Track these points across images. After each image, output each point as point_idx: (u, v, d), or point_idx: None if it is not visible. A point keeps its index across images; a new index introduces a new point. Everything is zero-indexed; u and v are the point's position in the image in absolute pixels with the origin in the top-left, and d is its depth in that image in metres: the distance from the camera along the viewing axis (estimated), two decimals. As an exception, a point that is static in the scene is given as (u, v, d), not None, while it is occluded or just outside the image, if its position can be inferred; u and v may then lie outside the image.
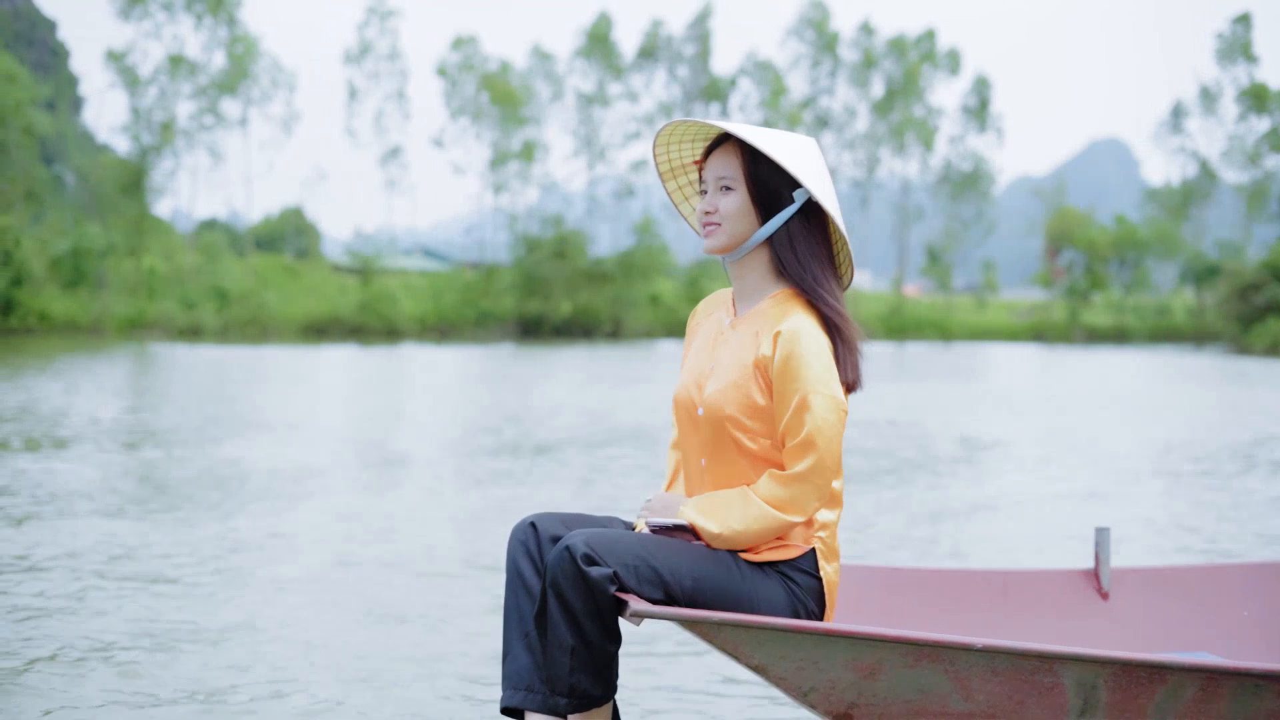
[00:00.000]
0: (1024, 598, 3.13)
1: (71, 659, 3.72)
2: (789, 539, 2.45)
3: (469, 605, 4.58)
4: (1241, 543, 6.22)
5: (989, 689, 2.36)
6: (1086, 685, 2.37)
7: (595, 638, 2.29)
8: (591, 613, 2.27)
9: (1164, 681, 2.39)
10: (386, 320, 45.65)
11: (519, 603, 2.40)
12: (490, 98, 54.70)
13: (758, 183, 2.52)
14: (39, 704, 3.30)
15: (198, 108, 49.28)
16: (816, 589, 2.44)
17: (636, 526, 2.53)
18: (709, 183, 2.58)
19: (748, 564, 2.43)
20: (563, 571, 2.26)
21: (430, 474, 8.46)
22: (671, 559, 2.34)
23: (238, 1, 48.90)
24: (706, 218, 2.57)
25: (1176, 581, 3.23)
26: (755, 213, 2.54)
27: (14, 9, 54.25)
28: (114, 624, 4.14)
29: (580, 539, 2.27)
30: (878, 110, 61.25)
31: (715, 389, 2.49)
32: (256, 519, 6.35)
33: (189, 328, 40.88)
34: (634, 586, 2.28)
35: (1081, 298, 57.66)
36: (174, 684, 3.51)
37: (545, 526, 2.44)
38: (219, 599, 4.56)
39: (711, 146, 2.60)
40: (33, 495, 6.91)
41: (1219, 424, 13.39)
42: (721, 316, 2.63)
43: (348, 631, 4.17)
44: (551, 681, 2.31)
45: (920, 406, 15.33)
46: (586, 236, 52.26)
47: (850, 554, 5.62)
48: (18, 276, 37.67)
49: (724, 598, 2.36)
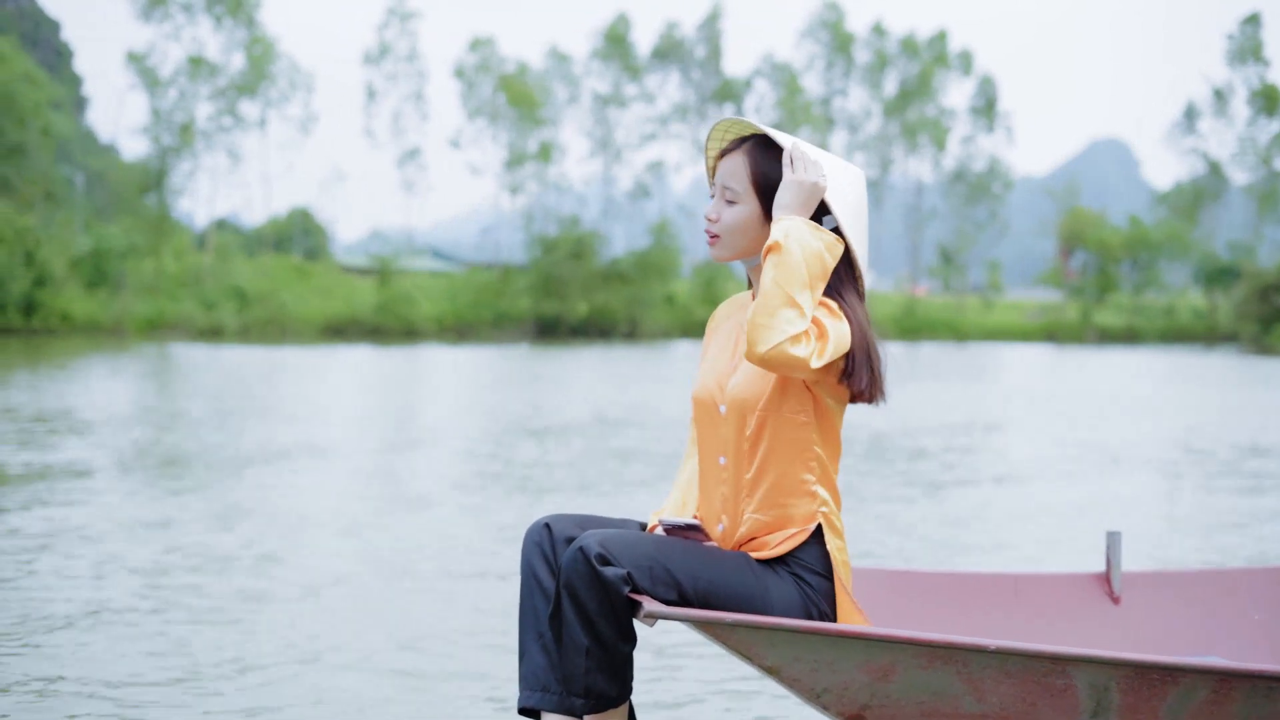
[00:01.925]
0: (1035, 601, 3.14)
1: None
2: (796, 523, 2.44)
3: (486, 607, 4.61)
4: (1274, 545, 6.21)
5: (1001, 691, 2.37)
6: (1099, 687, 2.38)
7: (610, 638, 2.30)
8: (606, 613, 2.28)
9: (1176, 684, 2.40)
10: (404, 321, 45.85)
11: (534, 603, 2.41)
12: (507, 99, 54.85)
13: (768, 197, 2.50)
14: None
15: (216, 109, 49.55)
16: (829, 591, 2.45)
17: (651, 527, 2.55)
18: (716, 188, 2.56)
19: (761, 565, 2.44)
20: (576, 572, 2.27)
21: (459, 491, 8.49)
22: (685, 560, 2.35)
23: (257, 3, 49.13)
24: (709, 225, 2.55)
25: (1188, 586, 3.24)
26: (765, 226, 2.51)
27: (18, 9, 54.55)
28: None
29: (594, 540, 2.28)
30: (890, 111, 61.32)
31: (738, 381, 2.50)
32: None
33: (209, 328, 41.13)
34: (647, 587, 2.28)
35: (1095, 298, 57.84)
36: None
37: (559, 528, 2.46)
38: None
39: (727, 148, 2.57)
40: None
41: (1256, 426, 13.30)
42: (742, 319, 2.62)
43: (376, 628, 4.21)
44: (567, 682, 2.33)
45: (940, 406, 15.30)
46: (603, 237, 52.37)
47: (865, 553, 5.64)
48: (40, 277, 37.92)
49: (737, 599, 2.37)
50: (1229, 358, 36.59)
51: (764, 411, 2.45)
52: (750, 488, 2.48)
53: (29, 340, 32.98)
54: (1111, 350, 44.26)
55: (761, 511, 2.47)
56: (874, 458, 9.79)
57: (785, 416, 2.44)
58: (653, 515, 2.59)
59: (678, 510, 2.63)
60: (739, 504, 2.50)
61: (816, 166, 2.45)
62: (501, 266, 52.86)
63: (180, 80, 48.39)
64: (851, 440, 10.94)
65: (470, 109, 55.95)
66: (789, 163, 2.45)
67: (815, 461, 2.46)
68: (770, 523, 2.47)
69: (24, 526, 5.93)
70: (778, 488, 2.45)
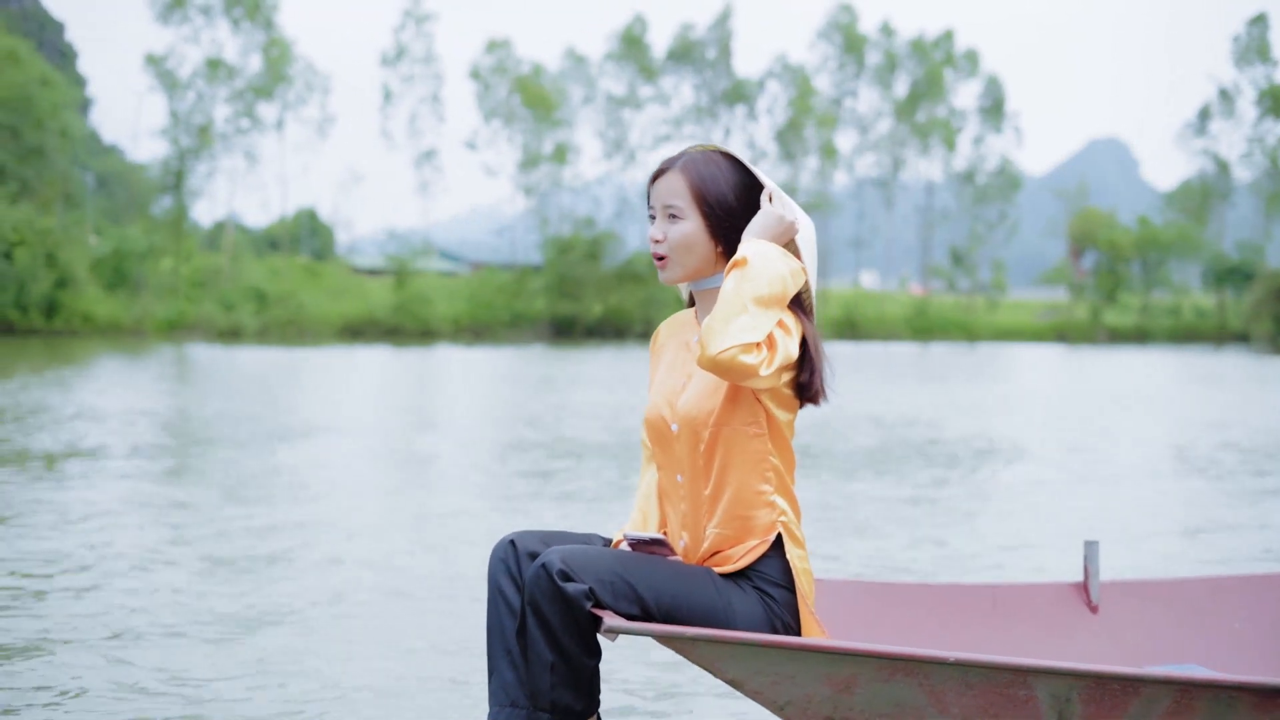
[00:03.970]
0: (1012, 611, 3.14)
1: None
2: (757, 534, 2.47)
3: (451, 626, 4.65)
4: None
5: (964, 702, 2.38)
6: (1060, 698, 2.39)
7: (574, 653, 2.32)
8: (569, 629, 2.30)
9: (1138, 694, 2.41)
10: (421, 321, 46.06)
11: (501, 620, 2.44)
12: (522, 100, 55.00)
13: (712, 210, 2.51)
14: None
15: (233, 111, 49.81)
16: (793, 604, 2.48)
17: (615, 543, 2.58)
18: (656, 209, 2.56)
19: (724, 579, 2.47)
20: (540, 589, 2.30)
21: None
22: (648, 575, 2.37)
23: (275, 5, 49.36)
24: (655, 247, 2.55)
25: (1166, 594, 3.23)
26: (711, 242, 2.53)
27: (22, 10, 54.87)
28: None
29: (556, 556, 2.30)
30: (900, 112, 61.42)
31: (688, 398, 2.53)
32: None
33: (229, 329, 41.40)
34: (610, 602, 2.30)
35: (1106, 298, 58.13)
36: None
37: (524, 544, 2.48)
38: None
39: (660, 170, 2.56)
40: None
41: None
42: (688, 337, 2.65)
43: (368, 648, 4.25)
44: (534, 697, 2.35)
45: (964, 409, 15.29)
46: (618, 238, 52.51)
47: (857, 557, 5.66)
48: (62, 278, 38.21)
49: (700, 613, 2.39)
50: (1246, 357, 36.36)
51: (716, 426, 2.47)
52: (709, 503, 2.51)
53: (51, 341, 33.24)
54: (1123, 350, 44.24)
55: (722, 526, 2.49)
56: (878, 455, 9.80)
57: (737, 429, 2.47)
58: (618, 531, 2.62)
59: (640, 527, 2.65)
60: (699, 520, 2.52)
61: (793, 209, 2.50)
62: (518, 268, 53.03)
63: (198, 83, 48.70)
64: (879, 446, 10.95)
65: (486, 110, 56.10)
66: (768, 199, 2.49)
67: (771, 472, 2.49)
68: (732, 536, 2.49)
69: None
70: (736, 500, 2.48)
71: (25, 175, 40.18)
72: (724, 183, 2.52)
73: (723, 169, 2.53)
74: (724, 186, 2.52)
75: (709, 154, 2.55)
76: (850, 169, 63.07)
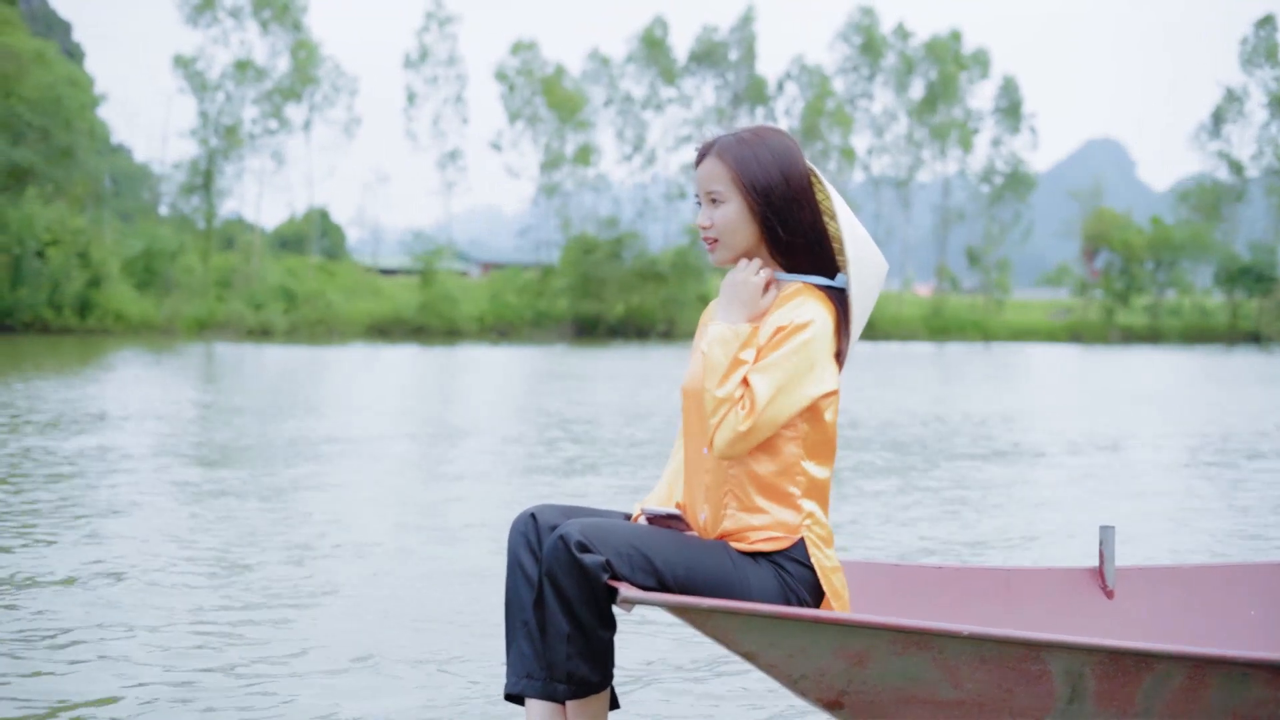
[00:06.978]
0: (1027, 595, 3.12)
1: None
2: (778, 529, 2.48)
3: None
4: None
5: (977, 677, 2.39)
6: (1074, 673, 2.40)
7: (590, 624, 2.35)
8: (586, 600, 2.33)
9: (1151, 670, 2.41)
10: (447, 320, 46.32)
11: (519, 592, 2.47)
12: (546, 101, 55.20)
13: (752, 189, 2.51)
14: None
15: (261, 112, 50.13)
16: (810, 579, 2.48)
17: (634, 517, 2.61)
18: (700, 195, 2.58)
19: (740, 554, 2.47)
20: (557, 560, 2.32)
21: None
22: (665, 548, 2.39)
23: (304, 6, 49.64)
24: (705, 233, 2.56)
25: (1182, 580, 3.21)
26: (754, 220, 2.53)
27: (30, 9, 55.31)
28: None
29: (575, 528, 2.33)
30: (915, 114, 61.48)
31: None
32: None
33: (258, 328, 41.71)
34: (626, 574, 2.32)
35: (1120, 299, 58.40)
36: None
37: (545, 517, 2.51)
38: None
39: (699, 156, 2.58)
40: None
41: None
42: None
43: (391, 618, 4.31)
44: (550, 668, 2.38)
45: (978, 404, 15.24)
46: (642, 238, 52.67)
47: (874, 547, 5.67)
48: (95, 277, 38.53)
49: (716, 586, 2.40)
50: (1260, 358, 36.13)
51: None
52: (733, 479, 2.51)
53: (85, 340, 33.50)
54: (1137, 350, 44.20)
55: (743, 504, 2.50)
56: (895, 449, 9.79)
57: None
58: (636, 506, 2.64)
59: (663, 501, 2.67)
60: (721, 494, 2.53)
61: (754, 265, 2.52)
62: (537, 267, 53.30)
63: (227, 84, 49.03)
64: (902, 438, 10.94)
65: (510, 111, 56.28)
66: (742, 265, 2.53)
67: (802, 475, 2.50)
68: (751, 518, 2.50)
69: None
70: (760, 485, 2.49)
71: (56, 176, 40.53)
72: (765, 161, 2.52)
73: (765, 145, 2.53)
74: (764, 165, 2.52)
75: (757, 131, 2.55)
76: (866, 169, 63.15)
